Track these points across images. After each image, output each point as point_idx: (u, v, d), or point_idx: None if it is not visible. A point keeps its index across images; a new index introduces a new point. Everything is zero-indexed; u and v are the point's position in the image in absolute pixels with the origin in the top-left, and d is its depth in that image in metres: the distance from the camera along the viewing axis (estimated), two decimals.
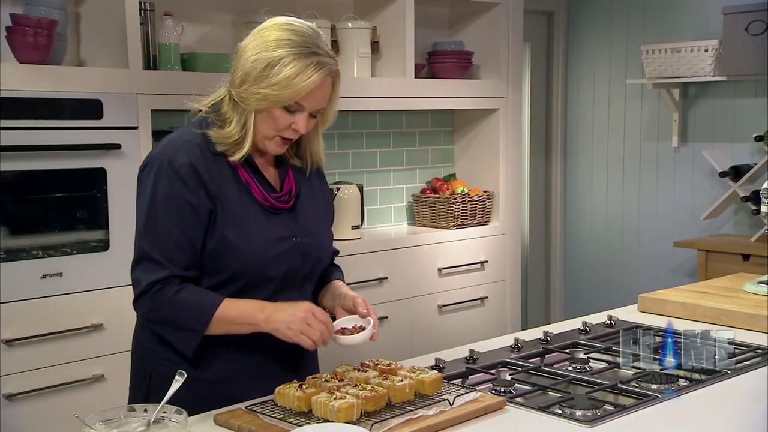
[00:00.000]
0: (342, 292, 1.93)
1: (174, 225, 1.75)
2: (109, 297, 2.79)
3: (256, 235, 1.80)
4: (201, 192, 1.75)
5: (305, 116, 1.79)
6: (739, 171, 4.21)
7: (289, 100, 1.75)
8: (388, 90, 3.64)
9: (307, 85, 1.74)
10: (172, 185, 1.75)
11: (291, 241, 1.85)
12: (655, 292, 2.66)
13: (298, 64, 1.73)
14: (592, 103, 5.09)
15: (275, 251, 1.81)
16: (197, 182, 1.75)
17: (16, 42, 2.67)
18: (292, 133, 1.80)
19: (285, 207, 1.86)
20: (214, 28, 3.43)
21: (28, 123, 2.64)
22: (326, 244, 1.97)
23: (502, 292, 4.10)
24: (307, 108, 1.78)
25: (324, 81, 1.77)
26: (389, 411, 1.63)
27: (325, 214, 2.00)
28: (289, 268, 1.84)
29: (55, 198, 2.78)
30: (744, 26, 4.07)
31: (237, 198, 1.80)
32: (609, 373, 1.99)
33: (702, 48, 4.25)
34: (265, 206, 1.83)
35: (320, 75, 1.75)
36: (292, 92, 1.74)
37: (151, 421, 1.57)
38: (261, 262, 1.80)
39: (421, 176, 4.24)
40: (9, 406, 2.59)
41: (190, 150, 1.78)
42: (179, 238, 1.75)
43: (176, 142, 1.80)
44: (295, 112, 1.78)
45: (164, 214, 1.75)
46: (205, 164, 1.77)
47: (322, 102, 1.81)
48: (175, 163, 1.75)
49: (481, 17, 4.14)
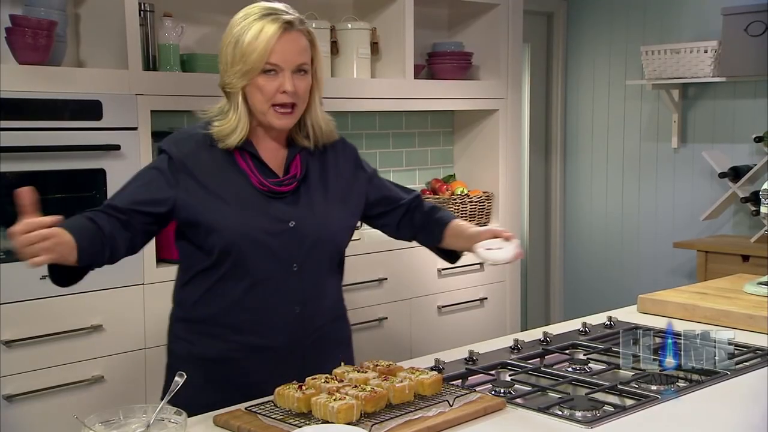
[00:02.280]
0: (471, 232, 2.00)
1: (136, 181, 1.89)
2: (109, 298, 2.79)
3: (244, 219, 1.85)
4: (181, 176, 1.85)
5: (288, 75, 1.83)
6: (738, 172, 4.21)
7: (260, 61, 1.81)
8: (387, 91, 3.64)
9: (268, 40, 1.80)
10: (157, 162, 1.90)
11: (285, 224, 1.88)
12: (655, 293, 2.66)
13: (255, 26, 1.82)
14: (592, 104, 5.09)
15: (261, 235, 1.85)
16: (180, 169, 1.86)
17: (16, 43, 2.67)
18: (284, 97, 1.84)
19: (285, 190, 1.90)
20: (213, 29, 3.43)
21: (27, 124, 2.64)
22: (333, 229, 1.95)
23: (502, 293, 4.10)
24: (283, 65, 1.82)
25: (287, 34, 1.82)
26: (389, 412, 1.63)
27: (340, 191, 1.99)
28: (279, 252, 1.87)
29: (55, 199, 2.77)
30: (743, 27, 4.07)
31: (233, 184, 1.87)
32: (609, 373, 1.99)
33: (701, 49, 4.26)
34: (262, 191, 1.88)
35: (276, 27, 1.81)
36: (258, 53, 1.80)
37: (151, 422, 1.56)
38: (246, 245, 1.84)
39: (421, 177, 4.24)
40: (9, 407, 2.59)
41: (187, 141, 1.90)
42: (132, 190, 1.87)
43: (177, 134, 1.94)
44: (276, 74, 1.83)
45: (137, 175, 1.91)
46: (196, 156, 1.87)
47: (296, 56, 1.84)
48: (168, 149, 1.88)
49: (481, 18, 4.15)
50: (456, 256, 2.13)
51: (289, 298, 1.90)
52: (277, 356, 1.90)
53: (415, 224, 2.11)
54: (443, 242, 2.08)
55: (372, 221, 2.14)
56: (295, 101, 1.86)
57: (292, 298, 1.90)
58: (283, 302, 1.90)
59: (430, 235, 2.10)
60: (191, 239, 1.89)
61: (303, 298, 1.91)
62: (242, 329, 1.89)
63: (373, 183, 2.10)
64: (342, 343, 2.05)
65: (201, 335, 1.92)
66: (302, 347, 1.93)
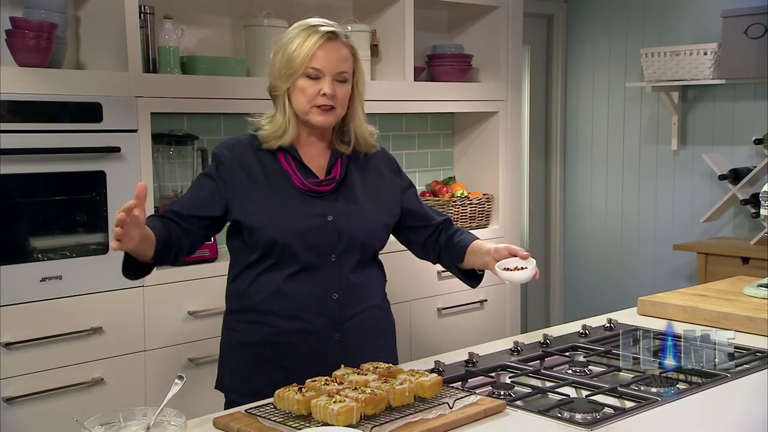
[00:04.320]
0: (489, 248, 2.10)
1: (194, 188, 2.09)
2: (109, 300, 2.79)
3: (286, 214, 2.01)
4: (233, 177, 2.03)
5: (328, 80, 1.99)
6: (738, 174, 4.22)
7: (302, 66, 1.98)
8: (387, 93, 3.64)
9: (310, 47, 1.98)
10: (211, 168, 2.08)
11: (324, 219, 2.03)
12: (655, 295, 2.66)
13: (301, 35, 2.00)
14: (592, 106, 5.09)
15: (302, 228, 2.01)
16: (231, 170, 2.03)
17: (16, 45, 2.67)
18: (323, 99, 2.00)
19: (325, 190, 2.06)
20: (213, 31, 3.43)
21: (27, 126, 2.64)
22: (369, 225, 2.09)
23: (502, 295, 4.10)
24: (324, 71, 1.99)
25: (329, 43, 2.00)
26: (389, 414, 1.63)
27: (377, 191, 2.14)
28: (318, 243, 2.02)
29: (55, 201, 2.78)
30: (743, 29, 4.07)
31: (277, 184, 2.04)
32: (609, 376, 1.99)
33: (701, 51, 4.26)
34: (303, 190, 2.04)
35: (318, 36, 1.99)
36: (301, 58, 1.98)
37: (151, 424, 1.57)
38: (288, 237, 1.99)
39: (421, 179, 4.24)
40: (8, 409, 2.59)
41: (238, 146, 2.07)
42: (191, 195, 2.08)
43: (229, 141, 2.12)
44: (317, 78, 1.99)
45: (194, 184, 2.12)
46: (245, 158, 2.05)
47: (337, 64, 2.00)
48: (221, 154, 2.06)
49: (481, 20, 4.15)
50: (477, 279, 2.23)
51: (328, 285, 2.04)
52: (317, 340, 2.03)
53: (440, 244, 2.23)
54: (464, 262, 2.18)
55: (401, 234, 2.28)
56: (333, 104, 2.01)
57: (330, 286, 2.04)
58: (322, 289, 2.04)
59: (452, 255, 2.21)
60: (240, 236, 2.06)
61: (340, 286, 2.05)
62: (284, 315, 2.03)
63: (408, 193, 2.24)
64: (382, 332, 2.18)
65: (247, 323, 2.07)
66: (340, 332, 2.05)
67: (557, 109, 5.18)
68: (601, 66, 5.02)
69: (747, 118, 4.38)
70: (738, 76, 4.17)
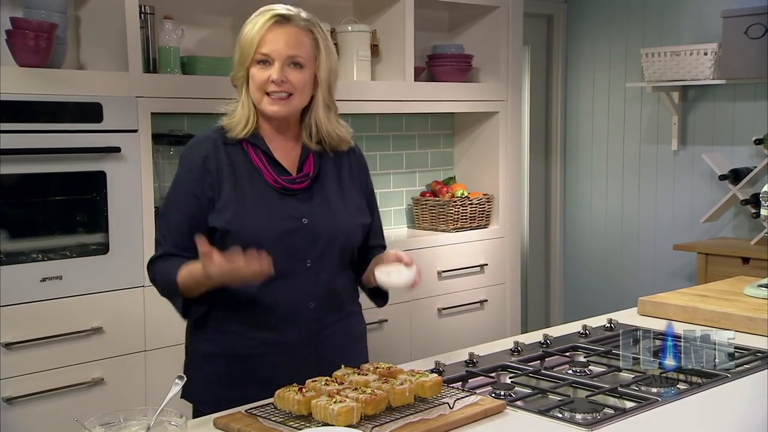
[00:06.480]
0: (380, 256, 1.99)
1: (176, 211, 1.94)
2: (109, 300, 2.79)
3: (261, 215, 1.90)
4: (207, 181, 1.91)
5: (277, 66, 1.88)
6: (738, 174, 4.22)
7: (250, 51, 1.89)
8: (387, 93, 3.64)
9: (257, 31, 1.88)
10: (183, 177, 1.95)
11: (298, 221, 1.92)
12: (655, 296, 2.66)
13: (252, 21, 1.92)
14: (592, 106, 5.09)
15: (277, 231, 1.90)
16: (203, 173, 1.91)
17: (16, 45, 2.67)
18: (273, 86, 1.89)
19: (298, 188, 1.94)
20: (214, 31, 3.43)
21: (28, 126, 2.64)
22: (346, 226, 1.98)
23: (502, 295, 4.10)
24: (273, 56, 1.88)
25: (278, 27, 1.89)
26: (389, 414, 1.63)
27: (353, 190, 2.03)
28: (293, 247, 1.91)
29: (55, 201, 2.78)
30: (743, 29, 4.07)
31: (248, 181, 1.92)
32: (609, 376, 1.99)
33: (701, 51, 4.26)
34: (276, 188, 1.93)
35: (265, 19, 1.89)
36: (248, 43, 1.89)
37: (151, 424, 1.56)
38: (262, 240, 1.87)
39: (421, 179, 4.24)
40: (9, 409, 2.59)
41: (204, 144, 1.95)
42: (179, 221, 1.93)
43: (196, 138, 2.00)
44: (269, 64, 1.89)
45: (172, 201, 1.97)
46: (216, 155, 1.93)
47: (286, 48, 1.89)
48: (189, 157, 1.95)
49: (481, 20, 4.15)
50: (383, 297, 2.12)
51: (303, 294, 1.93)
52: (292, 352, 1.93)
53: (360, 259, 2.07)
54: (363, 274, 2.05)
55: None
56: (287, 91, 1.90)
57: (306, 294, 1.93)
58: (298, 298, 1.93)
59: (360, 268, 2.07)
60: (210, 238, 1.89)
61: (317, 294, 1.94)
62: (258, 325, 1.93)
63: (369, 199, 2.11)
64: (356, 339, 2.08)
65: (220, 333, 1.96)
66: (317, 343, 1.95)
67: (557, 109, 5.18)
68: (602, 66, 5.02)
69: (747, 118, 4.38)
70: (738, 76, 4.17)
